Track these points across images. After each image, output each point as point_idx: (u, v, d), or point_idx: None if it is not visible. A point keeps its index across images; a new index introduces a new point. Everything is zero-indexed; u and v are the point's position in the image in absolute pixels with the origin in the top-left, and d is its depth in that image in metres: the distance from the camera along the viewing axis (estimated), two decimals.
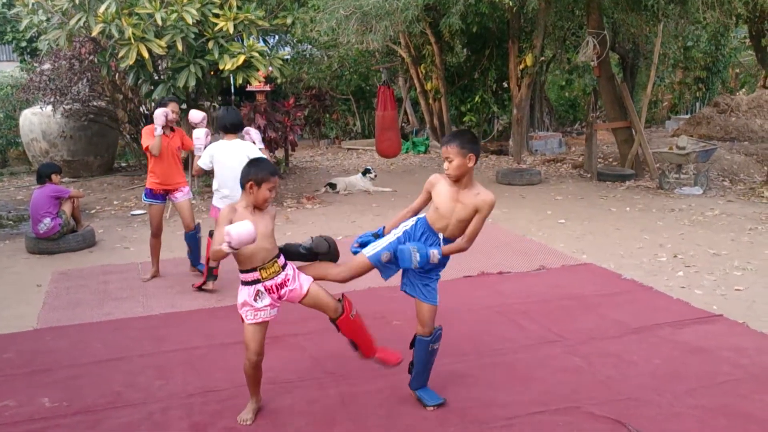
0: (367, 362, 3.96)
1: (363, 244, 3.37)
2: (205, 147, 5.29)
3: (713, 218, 7.75)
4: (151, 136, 5.50)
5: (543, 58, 14.04)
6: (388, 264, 3.28)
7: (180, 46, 7.82)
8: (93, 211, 8.97)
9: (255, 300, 3.17)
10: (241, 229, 2.88)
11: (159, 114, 5.44)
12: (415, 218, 3.38)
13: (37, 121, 11.30)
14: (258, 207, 3.19)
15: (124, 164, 13.24)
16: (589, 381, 3.72)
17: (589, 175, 10.86)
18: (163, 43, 7.72)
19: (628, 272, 5.74)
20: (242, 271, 3.19)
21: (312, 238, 3.29)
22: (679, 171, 9.78)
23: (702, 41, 16.74)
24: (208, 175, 5.84)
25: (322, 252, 3.27)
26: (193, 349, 4.33)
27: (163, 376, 3.94)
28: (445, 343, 4.18)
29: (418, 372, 3.47)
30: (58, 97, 10.23)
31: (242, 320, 3.24)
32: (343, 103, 16.87)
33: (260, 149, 5.23)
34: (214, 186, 5.27)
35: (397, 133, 10.20)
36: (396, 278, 3.41)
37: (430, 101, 14.69)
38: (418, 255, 3.13)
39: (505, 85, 14.79)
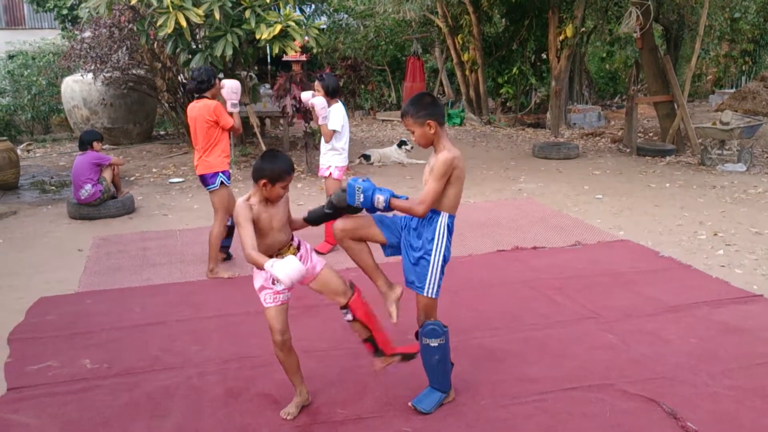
0: (400, 335, 3.99)
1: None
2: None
3: (756, 196, 7.54)
4: (227, 114, 5.12)
5: (584, 29, 13.70)
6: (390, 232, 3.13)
7: (217, 15, 7.83)
8: (132, 179, 9.14)
9: (273, 284, 3.04)
10: (289, 270, 2.77)
11: (237, 87, 5.12)
12: None
13: (78, 88, 11.49)
14: (271, 201, 3.07)
15: (162, 132, 13.41)
16: (623, 359, 3.68)
17: (628, 150, 10.64)
18: (200, 11, 7.73)
19: (666, 250, 5.64)
20: None
21: (331, 196, 3.18)
22: (722, 147, 9.52)
23: (750, 13, 16.11)
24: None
25: (344, 206, 3.10)
26: (229, 315, 4.41)
27: (199, 341, 4.02)
28: (477, 317, 4.21)
29: (426, 370, 3.21)
30: (98, 65, 10.36)
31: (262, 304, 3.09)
32: (379, 74, 16.76)
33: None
34: (341, 145, 5.53)
35: None
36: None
37: (467, 72, 14.50)
38: (362, 196, 2.95)
39: (544, 56, 14.51)
